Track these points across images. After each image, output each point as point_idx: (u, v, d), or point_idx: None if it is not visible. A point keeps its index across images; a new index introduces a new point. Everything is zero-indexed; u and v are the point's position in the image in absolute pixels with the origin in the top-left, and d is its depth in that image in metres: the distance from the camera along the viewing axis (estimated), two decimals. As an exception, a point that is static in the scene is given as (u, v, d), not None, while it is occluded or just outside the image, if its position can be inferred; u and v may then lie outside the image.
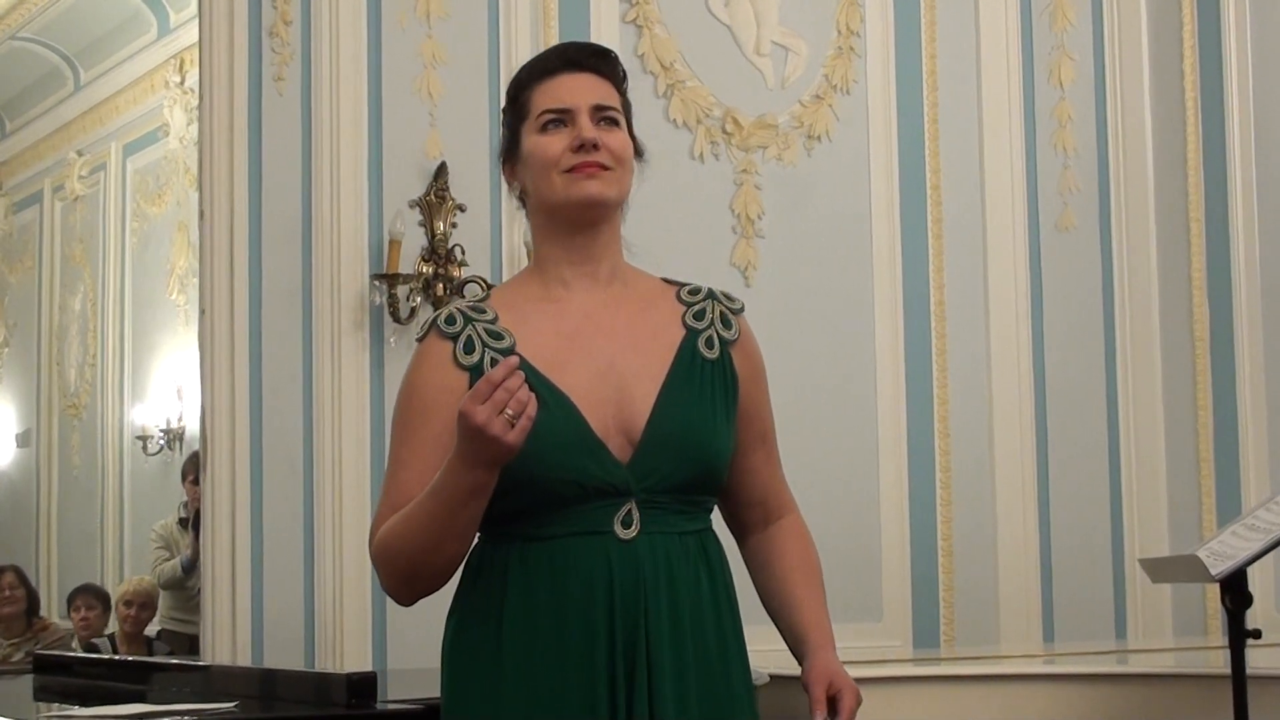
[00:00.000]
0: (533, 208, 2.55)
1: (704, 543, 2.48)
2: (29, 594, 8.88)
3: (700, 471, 2.44)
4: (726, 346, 2.53)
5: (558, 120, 2.50)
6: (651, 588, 2.40)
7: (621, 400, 2.44)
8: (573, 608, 2.39)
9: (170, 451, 9.80)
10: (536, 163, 2.49)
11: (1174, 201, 6.15)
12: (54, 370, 11.29)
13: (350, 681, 3.21)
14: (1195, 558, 3.62)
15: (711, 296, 2.57)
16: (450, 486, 2.32)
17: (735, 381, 2.52)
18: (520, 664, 2.39)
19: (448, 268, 5.25)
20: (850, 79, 5.95)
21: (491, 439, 2.24)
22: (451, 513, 2.34)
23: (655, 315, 2.53)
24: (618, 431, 2.42)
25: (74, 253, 11.15)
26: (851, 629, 5.67)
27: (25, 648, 8.27)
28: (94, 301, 10.83)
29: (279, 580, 5.05)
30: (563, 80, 2.53)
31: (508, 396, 2.23)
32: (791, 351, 5.61)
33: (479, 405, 2.23)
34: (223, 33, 5.15)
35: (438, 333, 2.48)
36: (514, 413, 2.23)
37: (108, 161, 10.80)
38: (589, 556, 2.39)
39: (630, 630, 2.39)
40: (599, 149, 2.48)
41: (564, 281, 2.52)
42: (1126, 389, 6.14)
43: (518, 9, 5.42)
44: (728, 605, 2.49)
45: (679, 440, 2.43)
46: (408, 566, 2.42)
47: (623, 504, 2.41)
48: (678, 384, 2.47)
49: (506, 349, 2.45)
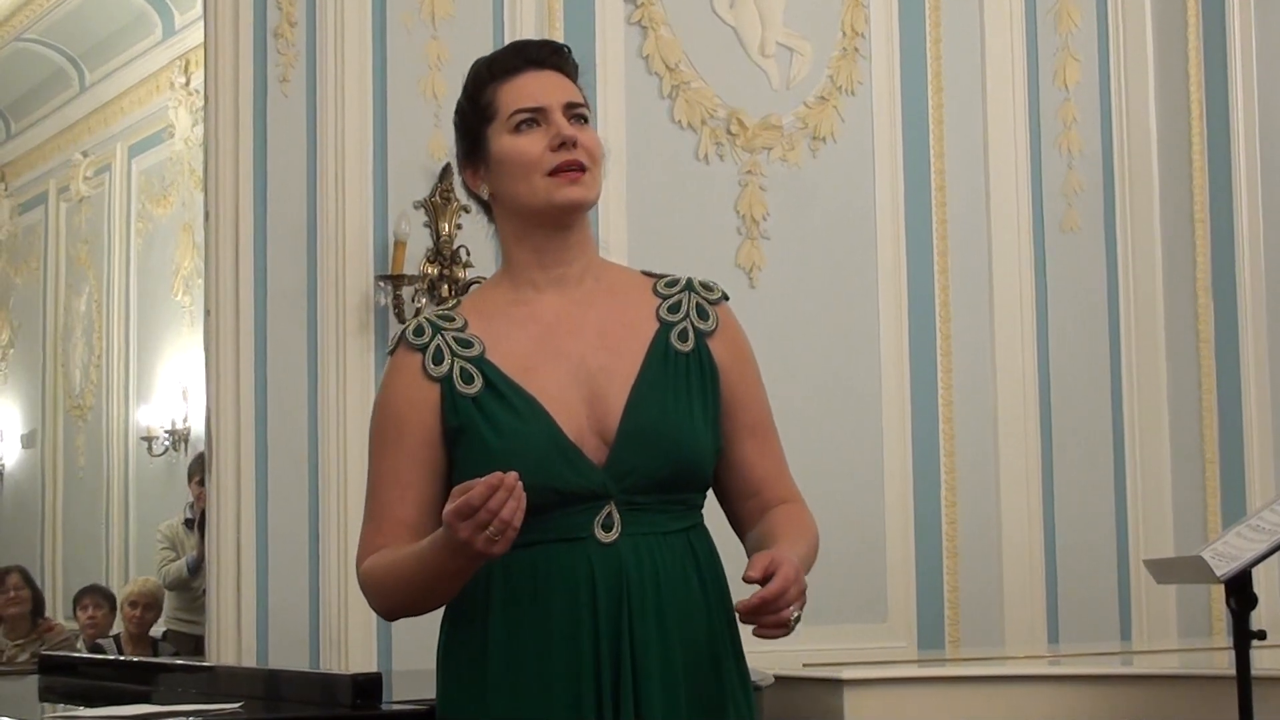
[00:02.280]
0: (503, 211, 2.49)
1: (691, 540, 2.44)
2: (34, 595, 8.87)
3: (679, 468, 2.40)
4: (702, 338, 2.47)
5: (531, 120, 2.44)
6: (635, 590, 2.37)
7: (594, 401, 2.41)
8: (556, 614, 2.37)
9: (175, 452, 9.80)
10: (515, 165, 2.44)
11: (1179, 202, 6.15)
12: (59, 371, 11.29)
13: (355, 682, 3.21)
14: (1200, 559, 3.62)
15: (689, 288, 2.51)
16: (435, 563, 2.30)
17: (714, 373, 2.47)
18: (506, 670, 2.38)
19: (453, 269, 5.25)
20: (855, 80, 5.95)
21: (475, 552, 2.23)
22: (436, 580, 2.34)
23: (629, 311, 2.48)
24: (592, 433, 2.39)
25: (79, 254, 11.15)
26: (856, 630, 5.68)
27: (30, 648, 8.27)
28: (99, 302, 10.83)
29: (284, 581, 5.05)
30: (529, 78, 2.47)
31: (490, 517, 2.19)
32: (796, 352, 5.61)
33: (462, 523, 2.20)
34: (228, 34, 5.16)
35: (406, 345, 2.45)
36: (496, 530, 2.20)
37: (113, 162, 10.81)
38: (571, 562, 2.36)
39: (615, 634, 2.37)
40: (578, 146, 2.44)
41: (534, 284, 2.47)
42: (1131, 389, 6.14)
43: (522, 10, 5.42)
44: (719, 603, 2.44)
45: (653, 437, 2.39)
46: (392, 605, 2.44)
47: (601, 507, 2.38)
48: (650, 380, 2.43)
49: (475, 356, 2.42)
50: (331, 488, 5.10)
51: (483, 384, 2.40)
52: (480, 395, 2.40)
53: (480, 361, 2.42)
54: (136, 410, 10.28)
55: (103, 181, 10.91)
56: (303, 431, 5.11)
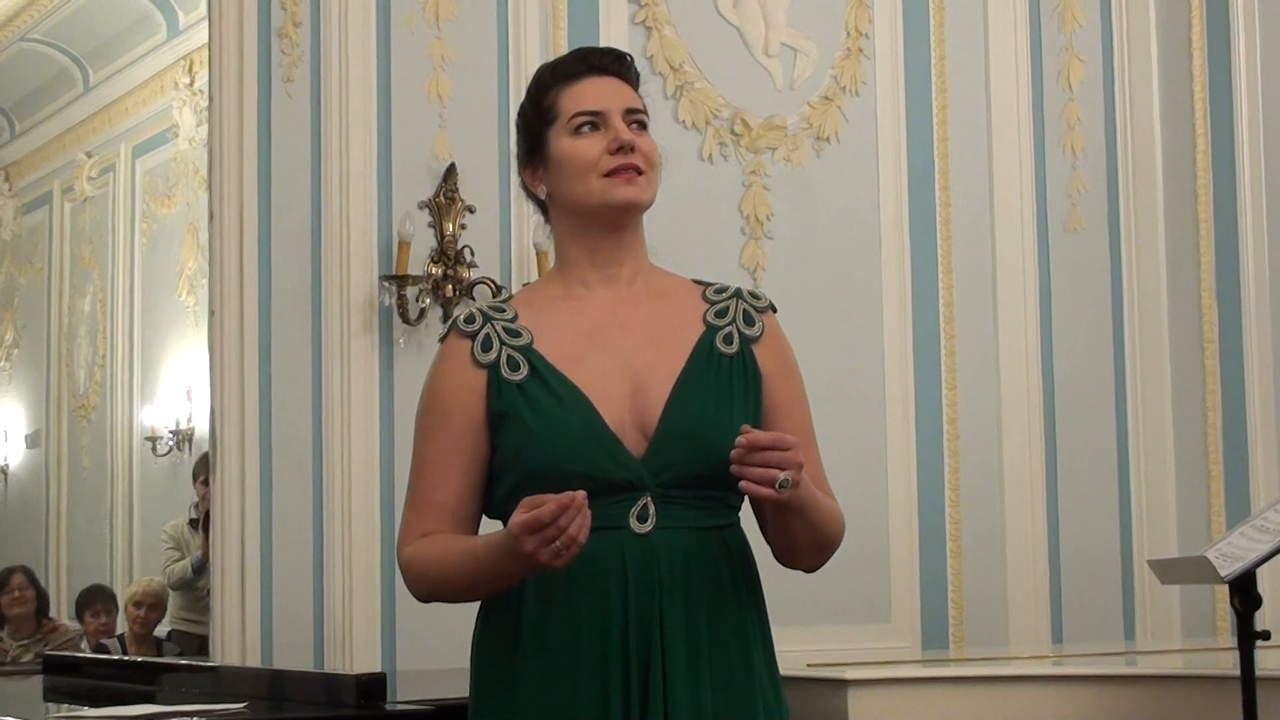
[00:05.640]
0: (560, 211, 2.55)
1: (725, 538, 2.47)
2: (38, 595, 8.88)
3: (716, 466, 2.40)
4: (747, 343, 2.53)
5: (590, 123, 2.52)
6: (667, 583, 2.41)
7: (637, 395, 2.45)
8: (587, 603, 2.40)
9: (179, 452, 9.81)
10: (573, 166, 2.50)
11: (1183, 202, 6.14)
12: (63, 371, 11.30)
13: (360, 682, 3.22)
14: (1204, 559, 3.62)
15: (738, 295, 2.58)
16: (490, 566, 2.37)
17: (757, 378, 2.52)
18: (535, 656, 2.41)
19: (457, 269, 5.25)
20: (859, 80, 5.95)
21: (538, 564, 2.29)
22: (488, 581, 2.40)
23: (676, 313, 2.54)
24: (633, 426, 2.43)
25: (83, 254, 11.16)
26: (860, 630, 5.68)
27: (35, 649, 8.28)
28: (103, 302, 10.84)
29: (289, 581, 5.05)
30: (591, 83, 2.55)
31: (558, 534, 2.25)
32: (799, 353, 5.54)
33: (529, 536, 2.26)
34: (232, 34, 5.16)
35: (457, 332, 2.51)
36: (563, 545, 2.26)
37: (117, 163, 10.81)
38: (604, 551, 2.39)
39: (644, 625, 2.40)
40: (635, 151, 2.50)
41: (585, 282, 2.53)
42: (1135, 390, 6.14)
43: (527, 10, 5.42)
44: (750, 600, 2.48)
45: (693, 433, 2.43)
46: (433, 594, 2.50)
47: (638, 498, 2.42)
48: (693, 378, 2.47)
49: (523, 346, 2.47)
50: (336, 488, 5.10)
51: (529, 371, 2.46)
52: (525, 382, 2.45)
53: (528, 350, 2.47)
54: (141, 410, 10.29)
55: (107, 182, 10.92)
56: (307, 431, 5.11)
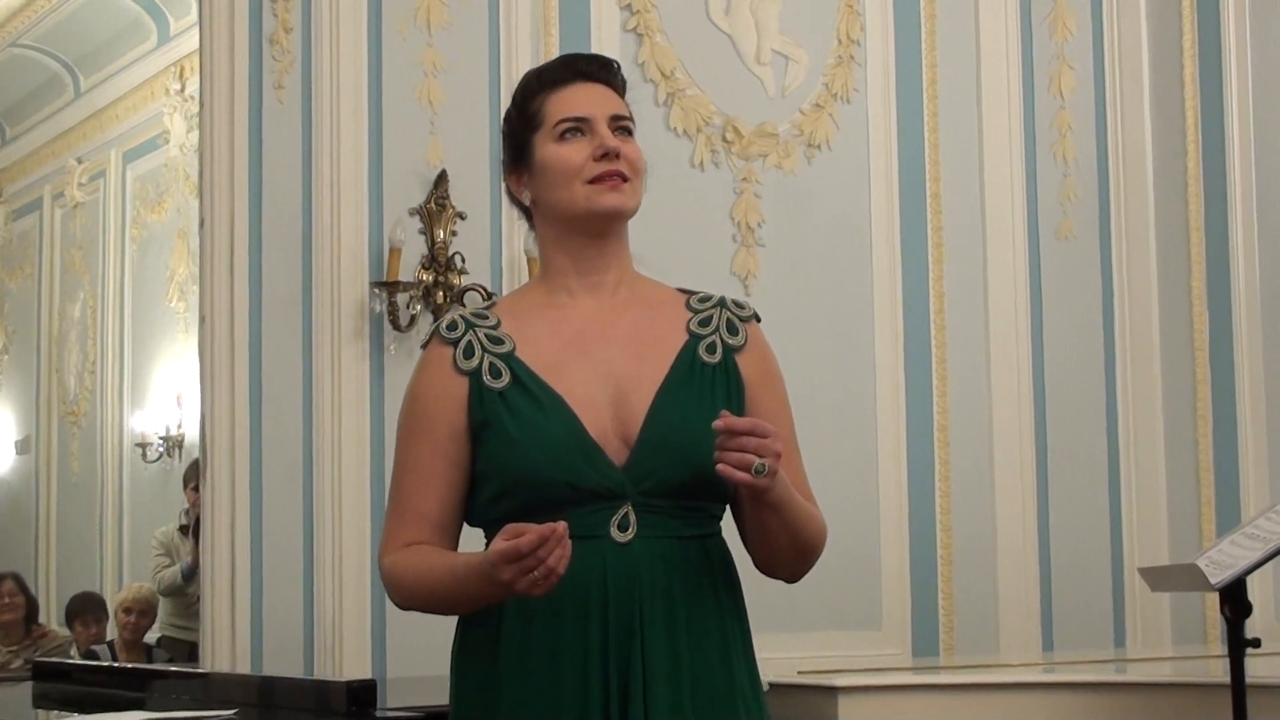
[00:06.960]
0: (544, 218, 2.54)
1: (707, 547, 2.46)
2: (28, 601, 8.87)
3: (697, 475, 2.40)
4: (731, 352, 2.52)
5: (575, 129, 2.50)
6: (648, 591, 2.40)
7: (619, 404, 2.44)
8: (568, 611, 2.39)
9: (169, 459, 9.80)
10: (557, 172, 2.49)
11: (1174, 210, 6.15)
12: (53, 377, 11.29)
13: (349, 689, 3.22)
14: (1195, 567, 3.63)
15: (722, 304, 2.56)
16: (469, 588, 2.36)
17: (740, 387, 2.51)
18: (516, 665, 2.40)
19: (448, 275, 5.25)
20: (850, 87, 5.96)
21: (515, 592, 2.28)
22: (467, 600, 2.39)
23: (659, 322, 2.52)
24: (615, 435, 2.42)
25: (74, 260, 11.15)
26: (851, 637, 5.68)
27: (24, 655, 8.27)
28: (94, 308, 10.83)
29: (279, 588, 5.05)
30: (577, 90, 2.54)
31: (537, 564, 2.24)
32: (790, 360, 5.53)
33: (507, 565, 2.25)
34: (223, 40, 5.15)
35: (439, 339, 2.50)
36: (541, 576, 2.25)
37: (107, 168, 10.81)
38: (584, 560, 2.36)
39: (625, 634, 2.39)
40: (620, 157, 2.49)
41: (569, 290, 2.52)
42: (1126, 397, 6.14)
43: (518, 18, 5.42)
44: (732, 609, 2.48)
45: (675, 442, 2.42)
46: (412, 604, 2.49)
47: (619, 507, 2.40)
48: (676, 387, 2.46)
49: (505, 353, 2.46)
50: (326, 494, 5.10)
51: (510, 379, 2.45)
52: (507, 390, 2.44)
53: (510, 358, 2.46)
54: (131, 416, 10.27)
55: (97, 187, 10.91)
56: (297, 438, 5.11)
